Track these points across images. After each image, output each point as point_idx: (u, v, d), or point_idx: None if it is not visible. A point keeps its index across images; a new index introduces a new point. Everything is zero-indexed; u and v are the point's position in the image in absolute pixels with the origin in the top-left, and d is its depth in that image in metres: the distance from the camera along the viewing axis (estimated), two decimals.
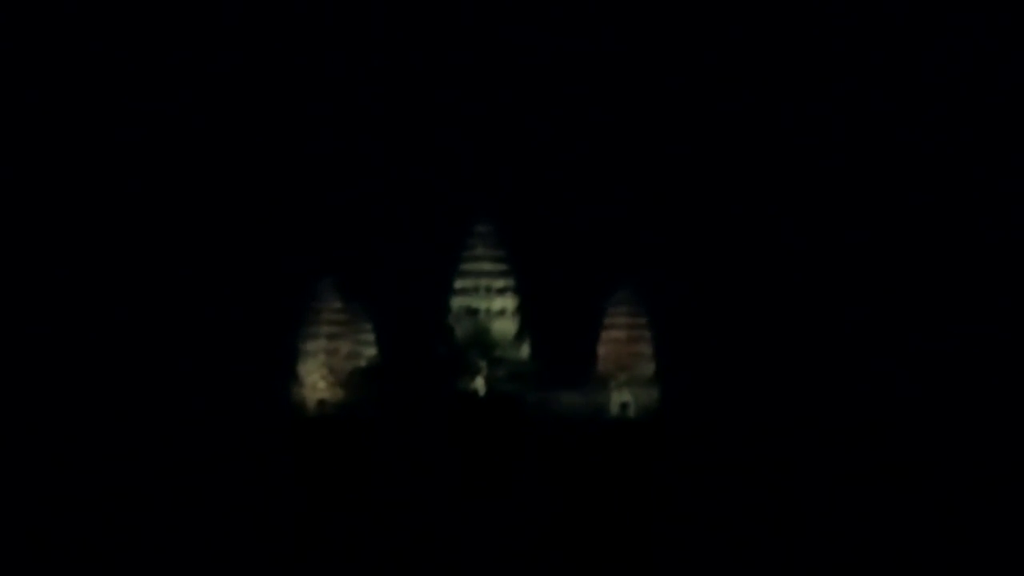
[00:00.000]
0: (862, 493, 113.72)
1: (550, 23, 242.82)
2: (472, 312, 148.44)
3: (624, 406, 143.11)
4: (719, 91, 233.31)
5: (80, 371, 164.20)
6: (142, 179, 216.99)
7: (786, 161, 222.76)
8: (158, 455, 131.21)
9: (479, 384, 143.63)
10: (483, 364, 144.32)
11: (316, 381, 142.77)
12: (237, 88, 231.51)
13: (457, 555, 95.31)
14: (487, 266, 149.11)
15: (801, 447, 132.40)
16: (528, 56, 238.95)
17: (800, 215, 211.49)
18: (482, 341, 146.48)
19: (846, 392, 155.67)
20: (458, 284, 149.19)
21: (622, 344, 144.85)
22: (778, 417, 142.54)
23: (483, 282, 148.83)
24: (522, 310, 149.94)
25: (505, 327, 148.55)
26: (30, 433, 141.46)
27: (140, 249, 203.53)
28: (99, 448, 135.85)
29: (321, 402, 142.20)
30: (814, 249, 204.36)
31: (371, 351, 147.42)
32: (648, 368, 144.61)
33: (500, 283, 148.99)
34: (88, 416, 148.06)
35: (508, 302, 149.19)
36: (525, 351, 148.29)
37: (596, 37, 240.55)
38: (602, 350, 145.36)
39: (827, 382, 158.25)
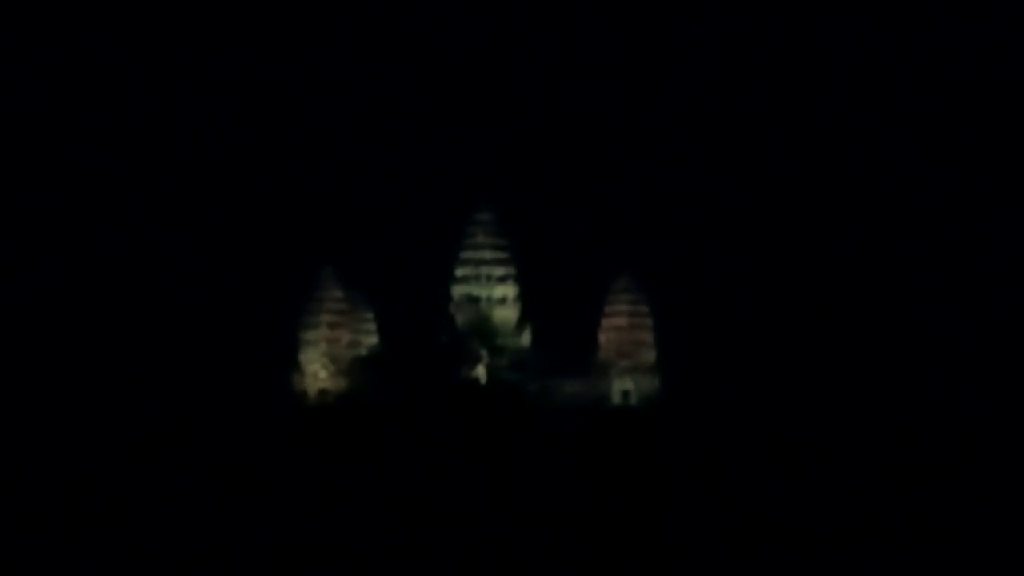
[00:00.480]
0: (863, 482, 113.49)
1: (550, 13, 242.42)
2: (473, 300, 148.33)
3: (626, 393, 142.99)
4: (720, 79, 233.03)
5: (80, 361, 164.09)
6: (143, 169, 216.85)
7: (788, 149, 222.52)
8: (159, 446, 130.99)
9: (480, 372, 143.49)
10: (484, 352, 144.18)
11: (317, 370, 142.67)
12: (238, 78, 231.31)
13: (459, 544, 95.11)
14: (488, 254, 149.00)
15: (802, 435, 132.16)
16: (528, 45, 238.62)
17: (802, 204, 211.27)
18: (483, 329, 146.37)
19: (848, 380, 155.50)
20: (459, 272, 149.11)
21: (623, 331, 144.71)
22: (780, 405, 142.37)
23: (484, 270, 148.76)
24: (523, 298, 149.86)
25: (506, 315, 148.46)
26: (30, 424, 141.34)
27: (140, 239, 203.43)
28: (100, 439, 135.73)
29: (322, 391, 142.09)
30: (816, 237, 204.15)
31: (372, 340, 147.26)
32: (650, 355, 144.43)
33: (501, 271, 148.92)
34: (89, 406, 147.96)
35: (509, 290, 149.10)
36: (526, 339, 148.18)
37: (597, 25, 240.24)
38: (603, 337, 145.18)
39: (828, 370, 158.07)
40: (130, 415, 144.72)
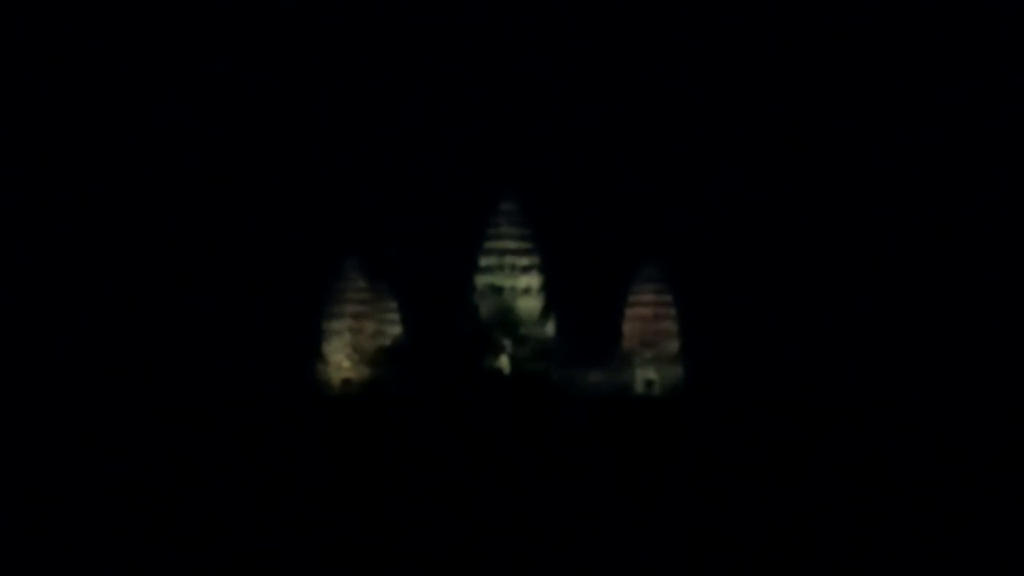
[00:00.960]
0: (884, 473, 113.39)
1: (575, 3, 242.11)
2: (497, 290, 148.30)
3: (649, 384, 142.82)
4: (744, 68, 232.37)
5: (105, 351, 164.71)
6: (170, 159, 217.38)
7: (814, 140, 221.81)
8: (184, 435, 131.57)
9: (504, 362, 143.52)
10: (508, 342, 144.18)
11: (341, 360, 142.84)
12: (266, 66, 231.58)
13: (482, 533, 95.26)
14: (511, 244, 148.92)
15: (825, 426, 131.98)
16: (552, 33, 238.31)
17: (827, 193, 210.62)
18: (507, 319, 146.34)
19: (871, 368, 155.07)
20: (482, 262, 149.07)
21: (647, 321, 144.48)
22: (803, 396, 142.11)
23: (508, 260, 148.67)
24: (547, 288, 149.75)
25: (530, 305, 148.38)
26: (54, 412, 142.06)
27: (167, 228, 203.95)
28: (125, 428, 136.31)
29: (346, 381, 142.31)
30: (841, 228, 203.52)
31: (396, 330, 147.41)
32: (673, 345, 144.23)
33: (525, 261, 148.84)
34: (114, 396, 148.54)
35: (533, 280, 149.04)
36: (550, 329, 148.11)
37: (621, 15, 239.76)
38: (627, 328, 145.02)
39: (852, 360, 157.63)
40: (155, 404, 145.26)
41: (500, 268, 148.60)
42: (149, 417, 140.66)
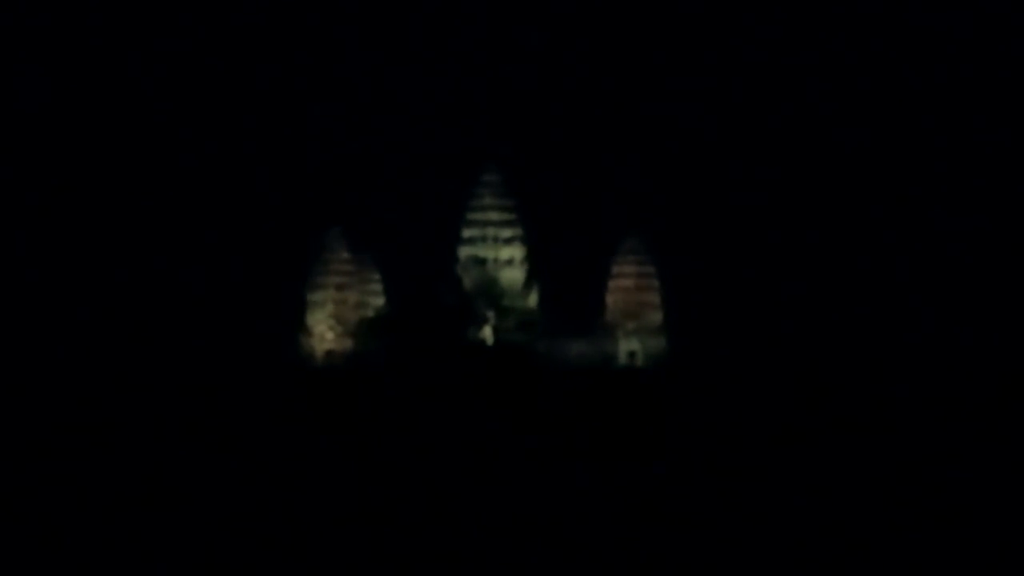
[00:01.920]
0: (866, 442, 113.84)
1: None
2: (480, 261, 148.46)
3: (632, 354, 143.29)
4: (729, 39, 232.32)
5: (87, 327, 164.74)
6: (152, 130, 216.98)
7: (797, 109, 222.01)
8: (166, 407, 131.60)
9: (487, 333, 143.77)
10: (491, 313, 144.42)
11: (324, 331, 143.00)
12: (246, 39, 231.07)
13: (465, 506, 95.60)
14: (495, 215, 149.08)
15: (807, 398, 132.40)
16: (533, 9, 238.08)
17: (810, 165, 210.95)
18: (490, 290, 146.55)
19: (854, 340, 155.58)
20: (466, 233, 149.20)
21: (630, 293, 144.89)
22: (786, 367, 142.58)
23: (491, 231, 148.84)
24: (530, 259, 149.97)
25: (513, 276, 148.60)
26: (35, 391, 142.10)
27: (150, 199, 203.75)
28: (108, 403, 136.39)
29: (329, 352, 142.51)
30: (824, 199, 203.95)
31: (379, 301, 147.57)
32: (656, 317, 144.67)
33: (508, 232, 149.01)
34: (96, 371, 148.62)
35: (516, 251, 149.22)
36: (533, 300, 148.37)
37: None
38: (610, 299, 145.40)
39: (833, 333, 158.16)
40: (138, 377, 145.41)
41: (483, 239, 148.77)
42: (132, 391, 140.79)
